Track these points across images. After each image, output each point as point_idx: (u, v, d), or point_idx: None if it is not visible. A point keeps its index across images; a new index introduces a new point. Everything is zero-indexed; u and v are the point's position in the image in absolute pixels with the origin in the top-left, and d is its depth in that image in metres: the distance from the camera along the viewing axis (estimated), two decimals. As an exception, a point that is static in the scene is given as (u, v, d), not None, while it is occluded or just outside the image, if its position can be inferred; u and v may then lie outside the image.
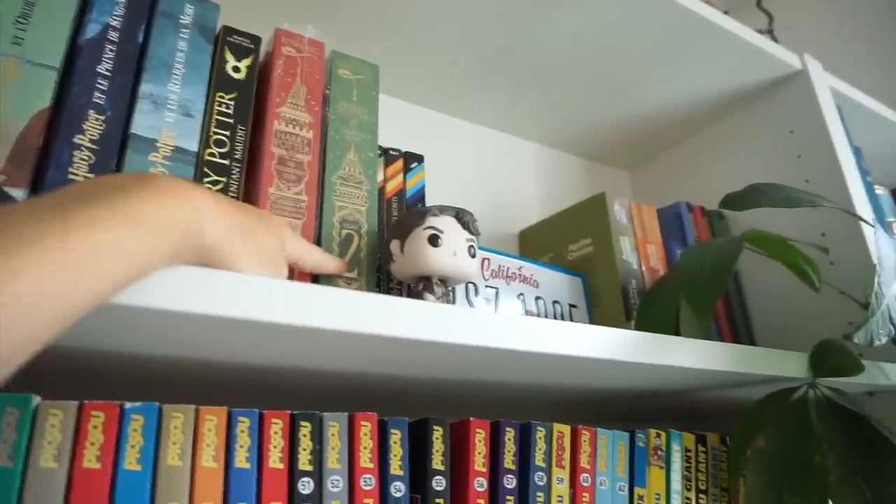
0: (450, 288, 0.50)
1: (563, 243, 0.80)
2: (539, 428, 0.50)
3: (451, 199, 0.81)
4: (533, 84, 0.85)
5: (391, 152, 0.60)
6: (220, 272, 0.34)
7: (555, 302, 0.71)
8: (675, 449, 0.57)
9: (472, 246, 0.50)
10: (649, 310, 0.68)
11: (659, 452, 0.56)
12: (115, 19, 0.46)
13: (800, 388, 0.58)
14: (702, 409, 0.78)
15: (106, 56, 0.45)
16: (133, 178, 0.31)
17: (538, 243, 0.84)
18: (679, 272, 0.63)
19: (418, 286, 0.49)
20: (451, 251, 0.48)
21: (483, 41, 0.76)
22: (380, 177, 0.58)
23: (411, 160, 0.61)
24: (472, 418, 0.47)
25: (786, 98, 0.84)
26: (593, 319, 0.74)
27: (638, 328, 0.68)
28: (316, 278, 0.49)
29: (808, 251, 0.62)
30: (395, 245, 0.49)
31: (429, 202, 0.60)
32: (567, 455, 0.51)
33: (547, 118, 0.92)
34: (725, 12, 1.05)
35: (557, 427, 0.51)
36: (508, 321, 0.43)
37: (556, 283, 0.72)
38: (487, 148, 0.92)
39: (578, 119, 0.93)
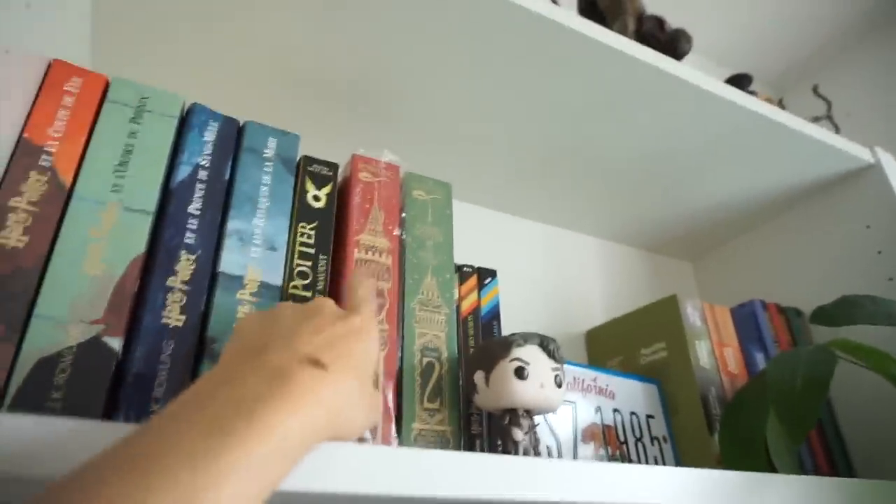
0: (536, 421, 0.48)
1: (635, 346, 0.77)
2: (637, 573, 0.46)
3: (516, 302, 0.80)
4: (594, 180, 0.85)
5: (465, 269, 0.59)
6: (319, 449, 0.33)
7: (632, 413, 0.68)
8: (783, 590, 0.52)
9: (558, 376, 0.48)
10: (733, 425, 0.64)
11: None
12: (204, 159, 0.47)
13: (919, 522, 0.53)
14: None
15: (196, 196, 0.46)
16: (266, 382, 0.29)
17: (607, 345, 0.82)
18: (766, 385, 0.60)
19: (504, 419, 0.47)
20: (538, 383, 0.46)
21: (544, 144, 0.77)
22: (455, 296, 0.57)
23: (485, 276, 0.60)
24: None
25: (859, 192, 0.81)
26: (672, 431, 0.70)
27: (723, 445, 0.64)
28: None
29: (907, 364, 0.58)
30: (479, 377, 0.48)
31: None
32: None
33: (608, 213, 0.92)
34: (780, 100, 1.05)
35: (656, 571, 0.47)
36: (601, 471, 0.41)
37: (632, 392, 0.69)
38: (548, 245, 0.92)
39: (640, 212, 0.92)
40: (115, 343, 0.39)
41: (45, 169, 0.41)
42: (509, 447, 0.46)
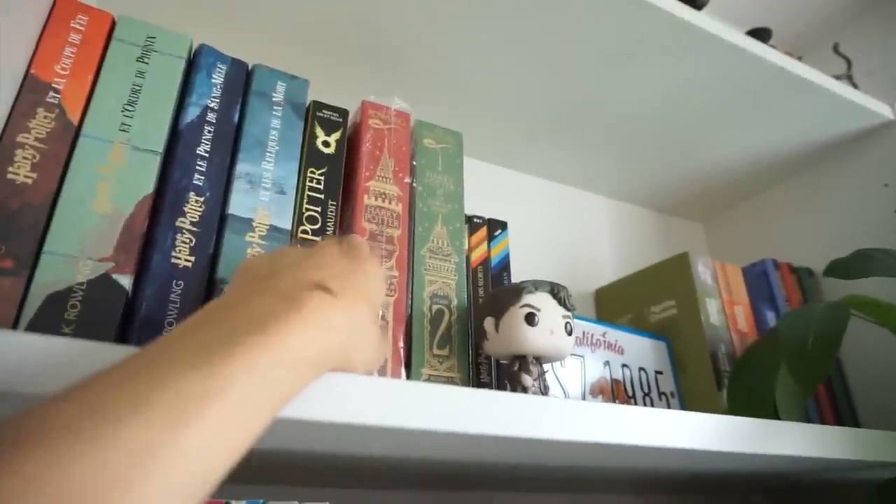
0: (545, 368, 0.48)
1: (645, 304, 0.77)
2: (643, 518, 0.47)
3: (527, 258, 0.80)
4: (607, 139, 0.83)
5: (475, 220, 0.59)
6: (330, 380, 0.32)
7: (641, 369, 0.68)
8: (788, 539, 0.53)
9: (568, 323, 0.48)
10: (742, 380, 0.64)
11: (771, 543, 0.52)
12: (212, 101, 0.47)
13: (926, 474, 0.53)
14: (801, 484, 0.72)
15: (204, 138, 0.45)
16: (277, 302, 0.28)
17: (616, 303, 0.81)
18: (778, 342, 0.59)
19: (514, 366, 0.47)
20: (548, 330, 0.46)
21: (557, 100, 0.75)
22: (465, 246, 0.56)
23: (495, 227, 0.59)
24: (574, 509, 0.44)
25: (877, 149, 0.80)
26: (680, 386, 0.70)
27: (731, 399, 0.64)
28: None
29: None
30: (489, 323, 0.47)
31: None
32: (674, 548, 0.47)
33: (620, 172, 0.90)
34: (799, 58, 1.02)
35: (662, 517, 0.48)
36: (609, 412, 0.41)
37: (641, 349, 0.69)
38: (561, 204, 0.91)
39: (652, 172, 0.91)
40: (125, 281, 0.39)
41: (53, 106, 0.40)
42: (518, 393, 0.46)
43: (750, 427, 0.48)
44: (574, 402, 0.40)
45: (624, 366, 0.66)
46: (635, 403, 0.65)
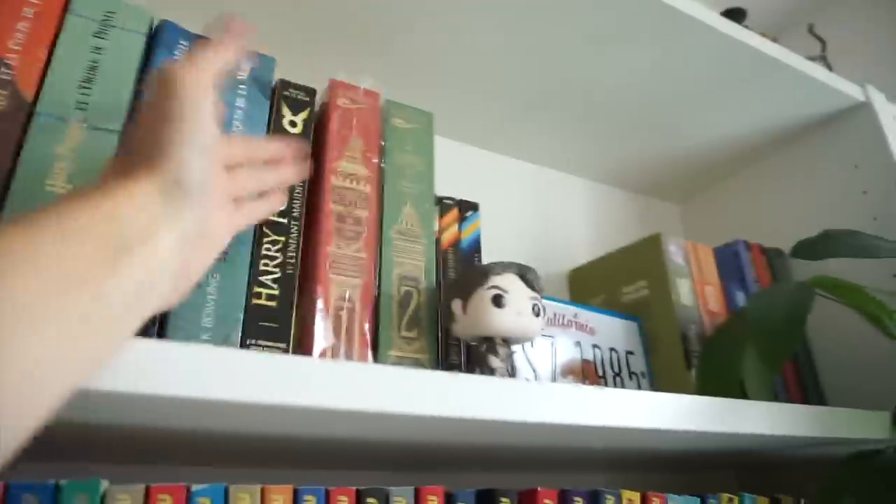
0: (513, 350, 0.48)
1: (617, 285, 0.77)
2: (608, 496, 0.47)
3: (500, 238, 0.80)
4: (582, 120, 0.83)
5: (445, 201, 0.58)
6: (292, 361, 0.32)
7: (611, 349, 0.68)
8: (750, 514, 0.54)
9: (535, 305, 0.48)
10: (711, 359, 0.65)
11: (733, 518, 0.53)
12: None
13: (885, 450, 0.54)
14: (768, 461, 0.74)
15: (166, 116, 0.44)
16: None
17: (589, 284, 0.82)
18: (746, 321, 0.60)
19: (481, 347, 0.47)
20: (515, 311, 0.46)
21: (532, 79, 0.75)
22: (435, 227, 0.56)
23: (466, 209, 0.59)
24: (539, 488, 0.45)
25: (848, 131, 0.80)
26: (651, 366, 0.71)
27: (699, 378, 0.64)
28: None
29: (885, 302, 0.59)
30: (456, 305, 0.47)
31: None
32: (638, 524, 0.48)
33: (596, 153, 0.90)
34: (774, 38, 1.02)
35: (627, 494, 0.49)
36: (577, 394, 0.41)
37: (612, 329, 0.70)
38: (535, 185, 0.90)
39: (628, 153, 0.91)
40: (84, 263, 0.38)
41: (6, 82, 0.39)
42: (486, 374, 0.46)
43: (717, 406, 0.49)
44: (539, 384, 0.40)
45: (595, 346, 0.67)
46: (606, 384, 0.66)
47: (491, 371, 0.46)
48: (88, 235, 0.26)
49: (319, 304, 0.44)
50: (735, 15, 0.79)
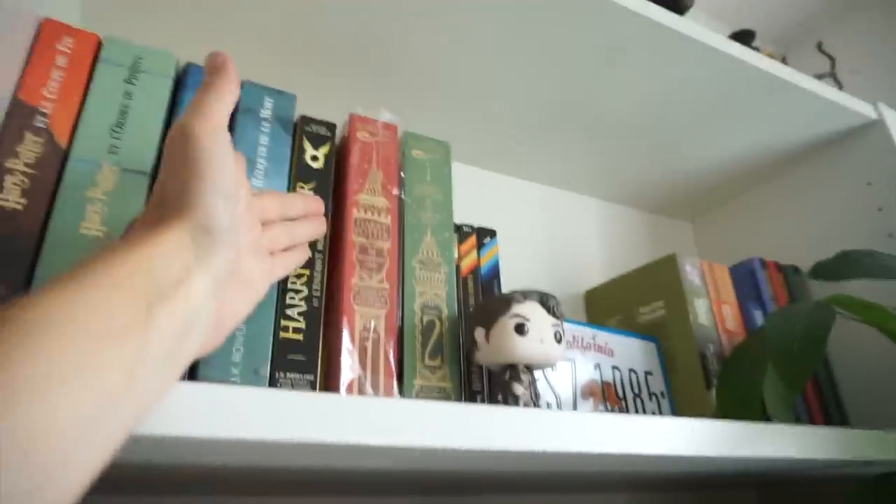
0: (536, 376, 0.48)
1: (633, 305, 0.78)
2: (634, 522, 0.47)
3: (515, 261, 0.81)
4: (594, 141, 0.84)
5: (464, 229, 0.59)
6: (315, 398, 0.33)
7: (631, 370, 0.68)
8: (777, 537, 0.54)
9: (557, 331, 0.48)
10: (731, 379, 0.65)
11: (760, 542, 0.53)
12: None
13: (910, 470, 0.54)
14: (790, 480, 0.74)
15: (194, 156, 0.45)
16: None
17: (605, 305, 0.82)
18: (764, 341, 0.60)
19: (504, 375, 0.48)
20: (538, 339, 0.47)
21: (544, 103, 0.76)
22: (454, 255, 0.57)
23: (484, 235, 0.60)
24: (566, 515, 0.45)
25: (861, 148, 0.81)
26: (670, 387, 0.71)
27: (719, 398, 0.64)
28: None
29: (905, 317, 0.59)
30: (479, 333, 0.48)
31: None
32: (665, 550, 0.48)
33: (608, 173, 0.91)
34: (783, 57, 1.03)
35: (653, 519, 0.49)
36: (600, 422, 0.42)
37: (630, 350, 0.70)
38: (549, 206, 0.91)
39: (640, 173, 0.92)
40: (118, 303, 0.39)
41: (41, 130, 0.41)
42: (510, 402, 0.47)
43: (738, 431, 0.49)
44: (563, 414, 0.40)
45: (614, 367, 0.67)
46: (626, 405, 0.66)
47: (515, 398, 0.46)
48: (123, 289, 0.27)
49: (345, 335, 0.45)
50: (743, 37, 0.80)
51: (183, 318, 0.29)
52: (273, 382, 0.41)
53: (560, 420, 0.40)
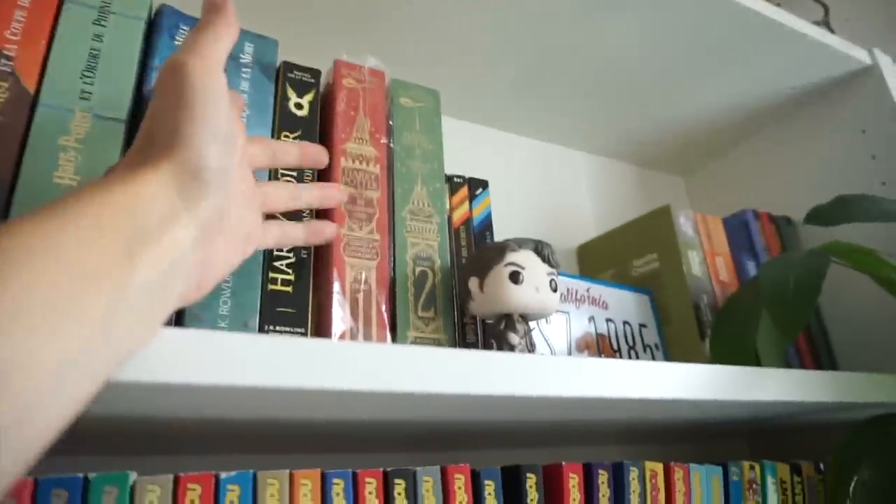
0: (531, 326, 0.48)
1: (627, 259, 0.77)
2: (632, 468, 0.48)
3: (507, 215, 0.79)
4: (582, 92, 0.82)
5: (455, 180, 0.58)
6: (307, 343, 0.32)
7: (625, 322, 0.68)
8: (770, 481, 0.54)
9: (552, 280, 0.47)
10: (725, 329, 0.65)
11: (754, 486, 0.53)
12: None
13: (903, 412, 0.54)
14: (780, 427, 0.74)
15: (171, 103, 0.43)
16: None
17: (598, 259, 0.82)
18: (758, 291, 0.60)
19: (500, 325, 0.47)
20: (533, 287, 0.46)
21: (530, 52, 0.74)
22: (446, 206, 0.55)
23: (476, 186, 0.59)
24: (564, 463, 0.45)
25: (855, 96, 0.79)
26: (664, 338, 0.71)
27: (713, 348, 0.64)
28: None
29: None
30: (473, 283, 0.47)
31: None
32: (662, 495, 0.48)
33: (599, 127, 0.89)
34: (778, 4, 1.01)
35: (650, 466, 0.49)
36: (595, 366, 0.41)
37: (625, 303, 0.70)
38: (540, 160, 0.90)
39: (631, 126, 0.90)
40: (97, 254, 0.37)
41: (6, 74, 0.38)
42: (505, 351, 0.46)
43: (732, 375, 0.49)
44: (560, 358, 0.40)
45: (608, 320, 0.67)
46: (620, 357, 0.65)
47: (510, 348, 0.45)
48: (104, 230, 0.25)
49: (336, 287, 0.44)
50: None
51: (166, 262, 0.28)
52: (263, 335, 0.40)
53: (557, 364, 0.40)
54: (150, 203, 0.28)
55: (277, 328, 0.41)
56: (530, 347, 0.47)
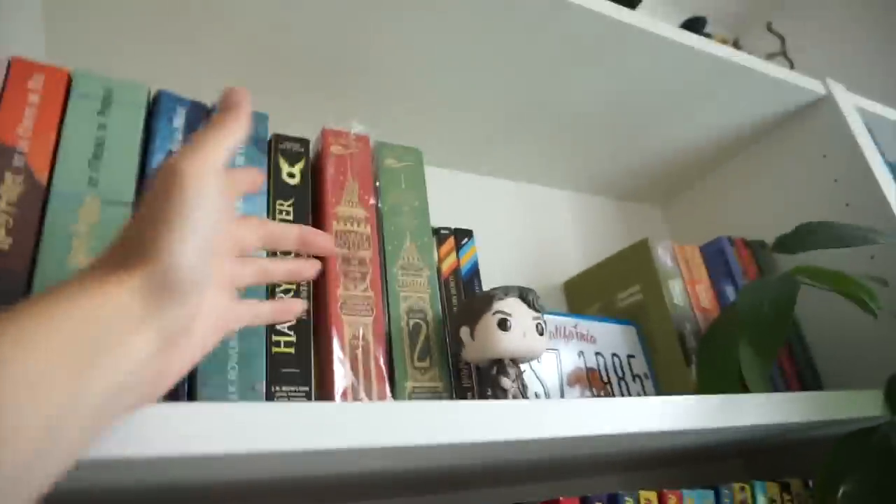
0: (522, 369, 0.50)
1: (612, 292, 0.80)
2: (626, 498, 0.50)
3: (494, 259, 0.83)
4: (560, 135, 0.86)
5: (442, 231, 0.61)
6: (316, 408, 0.35)
7: (613, 355, 0.71)
8: (761, 501, 0.57)
9: (539, 324, 0.50)
10: (709, 355, 0.68)
11: (746, 507, 0.56)
12: (176, 145, 0.48)
13: (879, 427, 0.57)
14: (774, 446, 0.77)
15: (172, 182, 0.46)
16: None
17: (584, 293, 0.85)
18: (737, 315, 0.63)
19: (492, 370, 0.50)
20: (520, 333, 0.49)
21: (508, 102, 0.78)
22: (434, 258, 0.58)
23: (462, 236, 0.62)
24: (561, 497, 0.47)
25: (814, 123, 0.84)
26: (653, 368, 0.73)
27: (700, 376, 0.67)
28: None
29: (864, 282, 0.62)
30: (464, 332, 0.50)
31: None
32: (657, 523, 0.51)
33: (577, 165, 0.94)
34: (736, 40, 1.07)
35: (644, 494, 0.51)
36: (586, 406, 0.44)
37: (612, 336, 0.73)
38: (522, 201, 0.94)
39: (607, 162, 0.94)
40: (111, 332, 0.40)
41: (20, 169, 0.41)
42: (499, 395, 0.48)
43: (717, 403, 0.51)
44: (552, 402, 0.42)
45: (597, 354, 0.70)
46: (611, 389, 0.68)
47: (503, 392, 0.48)
48: (65, 336, 0.25)
49: (335, 345, 0.47)
50: (695, 24, 0.83)
51: (121, 373, 0.27)
52: (270, 397, 0.43)
53: (547, 408, 0.42)
54: (110, 314, 0.28)
55: (283, 389, 0.44)
56: (522, 389, 0.49)
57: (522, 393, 0.49)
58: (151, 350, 0.29)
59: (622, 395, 0.68)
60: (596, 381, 0.67)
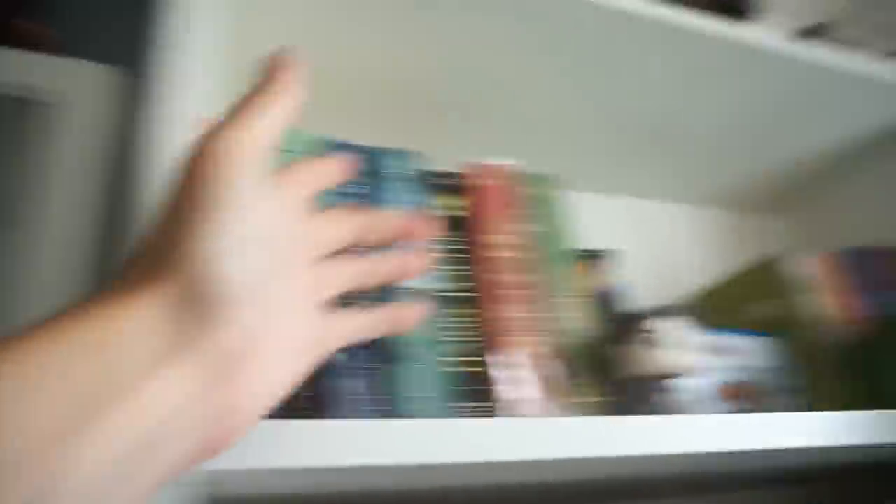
0: (673, 384, 0.53)
1: (746, 305, 0.80)
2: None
3: (630, 277, 0.85)
4: (683, 152, 0.88)
5: (588, 254, 0.65)
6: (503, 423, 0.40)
7: (759, 369, 0.71)
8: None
9: (685, 339, 0.53)
10: (860, 369, 0.67)
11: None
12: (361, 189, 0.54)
13: None
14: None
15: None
16: None
17: (717, 308, 0.85)
18: (889, 327, 0.62)
19: (643, 386, 0.53)
20: (668, 348, 0.52)
21: (633, 124, 0.82)
22: (581, 281, 0.62)
23: (606, 258, 0.65)
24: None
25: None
26: (799, 382, 0.73)
27: (850, 388, 0.66)
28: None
29: None
30: (614, 350, 0.53)
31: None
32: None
33: (699, 179, 0.95)
34: (857, 42, 1.03)
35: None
36: (746, 421, 0.46)
37: (755, 349, 0.73)
38: (652, 220, 0.98)
39: (732, 175, 0.96)
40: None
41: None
42: (656, 411, 0.52)
43: (871, 420, 0.51)
44: (705, 417, 0.45)
45: (744, 368, 0.70)
46: (760, 403, 0.69)
47: (659, 407, 0.51)
48: (71, 375, 0.20)
49: (504, 366, 0.51)
50: (814, 32, 0.83)
51: (151, 420, 0.21)
52: (450, 413, 0.48)
53: (700, 423, 0.45)
54: (128, 345, 0.21)
55: (467, 407, 0.49)
56: (676, 404, 0.52)
57: (676, 408, 0.52)
58: (196, 387, 0.23)
59: (771, 410, 0.68)
60: (745, 395, 0.68)
